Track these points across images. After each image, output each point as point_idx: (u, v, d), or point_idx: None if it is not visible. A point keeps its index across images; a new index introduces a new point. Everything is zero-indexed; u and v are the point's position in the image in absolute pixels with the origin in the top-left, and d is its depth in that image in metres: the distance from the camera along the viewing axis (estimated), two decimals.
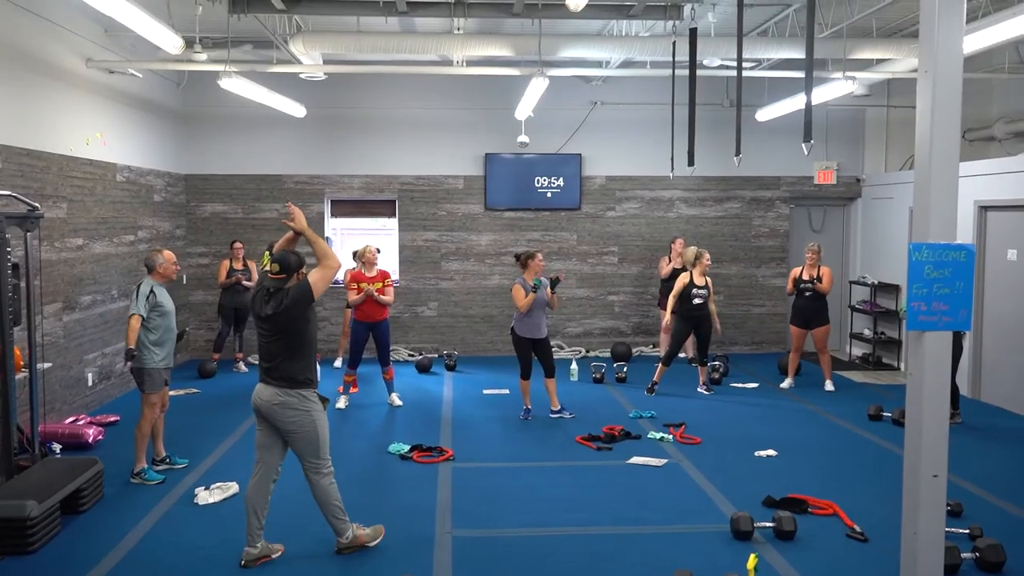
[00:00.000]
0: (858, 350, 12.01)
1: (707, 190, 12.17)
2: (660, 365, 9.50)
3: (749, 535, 5.17)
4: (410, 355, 11.76)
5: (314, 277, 4.84)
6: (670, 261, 11.10)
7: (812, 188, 12.28)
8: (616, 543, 5.21)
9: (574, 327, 12.20)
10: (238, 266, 10.62)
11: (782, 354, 11.13)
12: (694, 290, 9.21)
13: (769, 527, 5.24)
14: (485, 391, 9.55)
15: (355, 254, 9.08)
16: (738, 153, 6.18)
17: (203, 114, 11.62)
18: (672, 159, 8.61)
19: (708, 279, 9.37)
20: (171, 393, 9.27)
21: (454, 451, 7.09)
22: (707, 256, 9.41)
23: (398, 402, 8.83)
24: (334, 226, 12.35)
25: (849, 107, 11.83)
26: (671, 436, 7.62)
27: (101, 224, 8.91)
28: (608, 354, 11.84)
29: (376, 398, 9.11)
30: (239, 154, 11.73)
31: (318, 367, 5.24)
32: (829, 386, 9.71)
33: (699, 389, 9.50)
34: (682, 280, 9.31)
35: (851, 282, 12.21)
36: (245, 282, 10.57)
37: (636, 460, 6.91)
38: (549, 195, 11.99)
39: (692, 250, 9.58)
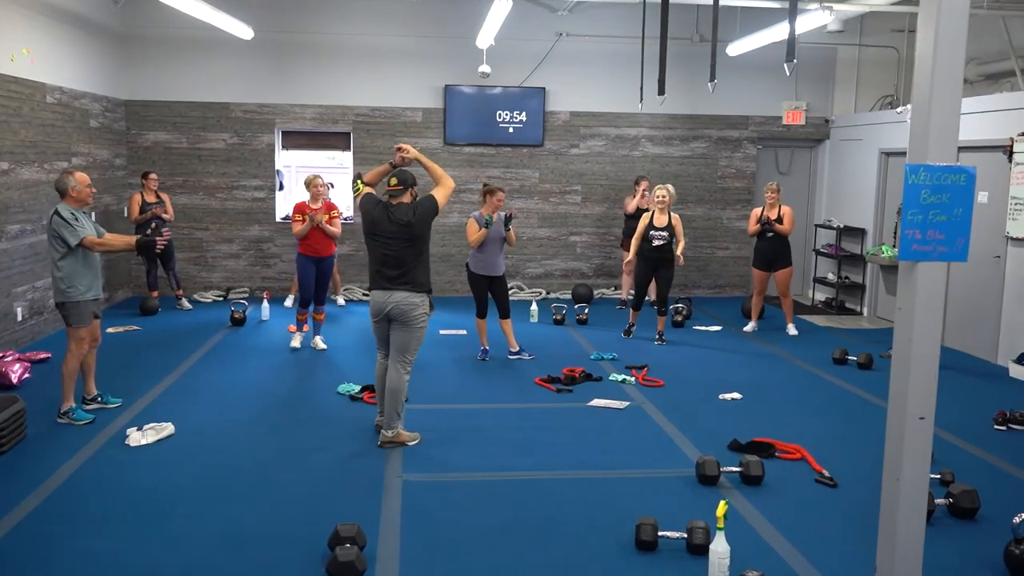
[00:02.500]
0: (821, 294, 11.87)
1: (673, 128, 11.80)
2: (631, 310, 9.16)
3: (715, 480, 4.93)
4: (364, 295, 11.34)
5: (439, 195, 5.53)
6: (634, 198, 10.63)
7: (780, 128, 11.97)
8: (576, 488, 4.94)
9: (534, 268, 11.87)
10: (151, 199, 10.03)
11: (745, 298, 10.92)
12: (651, 231, 8.73)
13: (736, 472, 5.00)
14: (441, 332, 9.19)
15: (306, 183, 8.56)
16: (713, 78, 5.80)
17: (144, 35, 10.88)
18: (641, 89, 8.23)
19: (674, 218, 8.70)
20: (110, 330, 8.90)
21: (407, 392, 6.74)
22: (659, 194, 8.65)
23: (322, 346, 8.29)
24: (287, 161, 11.79)
25: (820, 45, 11.47)
26: (633, 378, 7.36)
27: (29, 148, 8.28)
28: (569, 296, 11.55)
29: (330, 337, 8.69)
30: (183, 80, 11.04)
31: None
32: (792, 330, 9.52)
33: (655, 341, 8.91)
34: (643, 220, 8.84)
35: (816, 225, 12.01)
36: (163, 215, 10.00)
37: (597, 403, 6.64)
38: (511, 130, 11.52)
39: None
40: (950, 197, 3.26)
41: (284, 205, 11.41)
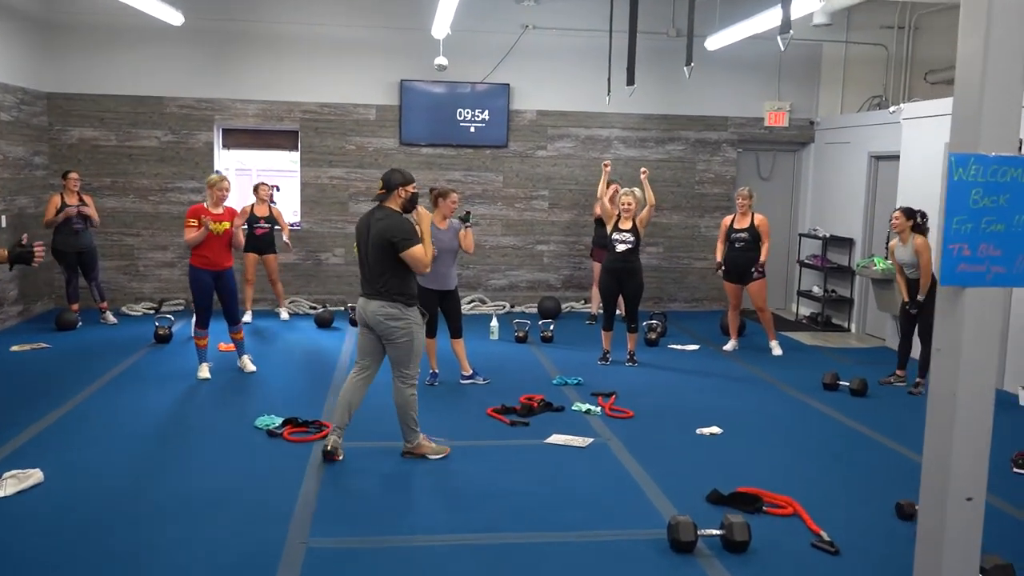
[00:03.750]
0: (805, 309, 11.06)
1: (648, 129, 10.96)
2: (603, 332, 8.19)
3: (691, 546, 4.02)
4: (311, 308, 10.39)
5: (412, 249, 5.08)
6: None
7: (762, 131, 11.16)
8: (519, 556, 4.03)
9: (498, 279, 10.96)
10: (72, 201, 9.00)
11: (723, 312, 10.08)
12: (615, 234, 7.84)
13: (716, 535, 4.11)
14: None
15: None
16: (689, 62, 4.95)
17: (69, 22, 9.89)
18: (609, 82, 7.37)
19: (637, 221, 7.75)
20: (14, 348, 7.95)
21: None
22: (626, 200, 7.73)
23: (251, 367, 7.36)
24: (228, 162, 10.82)
25: (805, 41, 10.66)
26: (599, 408, 6.47)
27: None
28: (535, 309, 10.66)
29: (264, 357, 7.73)
30: (113, 71, 10.04)
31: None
32: (776, 349, 8.67)
33: (626, 363, 8.02)
34: (610, 218, 7.87)
35: (800, 235, 11.20)
36: (83, 209, 8.96)
37: (556, 439, 5.74)
38: (473, 130, 10.62)
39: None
40: (1009, 199, 2.39)
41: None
